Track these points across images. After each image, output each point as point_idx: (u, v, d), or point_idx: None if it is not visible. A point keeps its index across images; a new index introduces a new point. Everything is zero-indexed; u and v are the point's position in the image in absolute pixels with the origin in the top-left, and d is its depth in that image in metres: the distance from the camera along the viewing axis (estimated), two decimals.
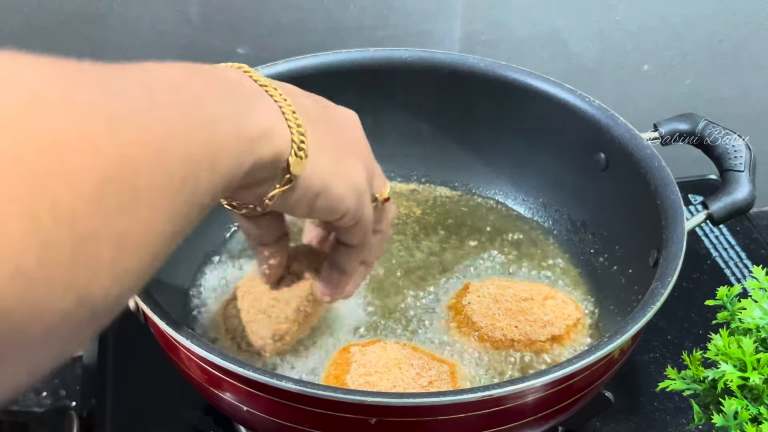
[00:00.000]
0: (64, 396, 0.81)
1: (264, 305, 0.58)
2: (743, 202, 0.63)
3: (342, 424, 0.50)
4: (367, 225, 0.52)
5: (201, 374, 0.54)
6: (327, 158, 0.47)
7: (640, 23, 0.93)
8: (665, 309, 0.55)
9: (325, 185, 0.47)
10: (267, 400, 0.51)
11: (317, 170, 0.46)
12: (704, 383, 0.57)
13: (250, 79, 0.44)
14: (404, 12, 0.87)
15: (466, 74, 0.75)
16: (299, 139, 0.44)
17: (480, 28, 0.90)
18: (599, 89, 0.95)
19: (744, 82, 1.00)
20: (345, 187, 0.48)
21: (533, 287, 0.67)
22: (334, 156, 0.48)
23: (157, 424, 0.70)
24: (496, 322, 0.63)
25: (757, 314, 0.56)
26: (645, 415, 0.71)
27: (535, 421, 0.54)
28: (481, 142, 0.79)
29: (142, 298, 0.53)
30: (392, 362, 0.59)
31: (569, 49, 0.93)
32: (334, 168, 0.47)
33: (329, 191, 0.47)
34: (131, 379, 0.72)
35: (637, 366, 0.74)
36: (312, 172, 0.46)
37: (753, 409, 0.53)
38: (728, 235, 0.89)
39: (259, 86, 0.44)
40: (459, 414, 0.50)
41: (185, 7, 0.79)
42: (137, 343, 0.67)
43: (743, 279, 0.83)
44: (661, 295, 0.54)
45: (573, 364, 0.50)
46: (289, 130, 0.44)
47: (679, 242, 0.58)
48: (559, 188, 0.77)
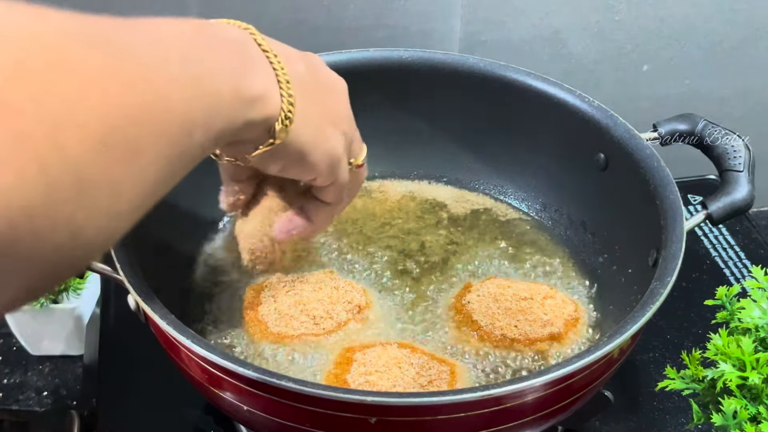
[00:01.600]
0: (65, 395, 0.81)
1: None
2: (742, 202, 0.63)
3: (342, 423, 0.50)
4: (341, 187, 0.56)
5: (201, 374, 0.54)
6: (310, 127, 0.50)
7: (640, 23, 0.93)
8: (665, 309, 0.55)
9: (303, 152, 0.50)
10: (267, 399, 0.51)
11: (299, 138, 0.49)
12: (703, 383, 0.57)
13: (254, 42, 0.46)
14: (404, 12, 0.87)
15: (466, 74, 0.75)
16: (288, 108, 0.47)
17: (480, 28, 0.90)
18: (599, 89, 0.96)
19: (744, 82, 1.00)
20: (321, 155, 0.52)
21: (533, 287, 0.67)
22: (316, 124, 0.51)
23: (157, 423, 0.70)
24: (496, 321, 0.64)
25: (756, 314, 0.57)
26: (644, 414, 0.71)
27: (535, 420, 0.54)
28: (480, 142, 0.79)
29: (142, 298, 0.54)
30: (392, 362, 0.59)
31: (569, 49, 0.93)
32: (315, 136, 0.51)
33: (306, 157, 0.51)
34: (131, 379, 0.72)
35: (636, 365, 0.74)
36: (294, 139, 0.49)
37: (752, 408, 0.53)
38: (727, 235, 0.89)
39: (261, 50, 0.46)
40: (459, 413, 0.50)
41: (185, 7, 0.79)
42: (137, 343, 0.68)
43: (742, 279, 0.83)
44: (660, 294, 0.54)
45: (572, 364, 0.50)
46: (281, 98, 0.47)
47: (678, 242, 0.58)
48: (559, 188, 0.77)
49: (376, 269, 0.71)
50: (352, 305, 0.64)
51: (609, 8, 0.91)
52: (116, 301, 0.78)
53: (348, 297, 0.64)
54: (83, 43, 0.30)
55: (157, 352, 0.60)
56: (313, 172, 0.53)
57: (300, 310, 0.63)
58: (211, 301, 0.68)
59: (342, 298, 0.64)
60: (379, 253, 0.73)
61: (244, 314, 0.65)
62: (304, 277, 0.66)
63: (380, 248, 0.73)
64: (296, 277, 0.66)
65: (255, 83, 0.44)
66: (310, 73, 0.51)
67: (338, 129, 0.53)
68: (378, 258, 0.72)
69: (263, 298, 0.64)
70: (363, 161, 0.58)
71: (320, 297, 0.64)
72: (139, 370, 0.73)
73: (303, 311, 0.63)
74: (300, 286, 0.65)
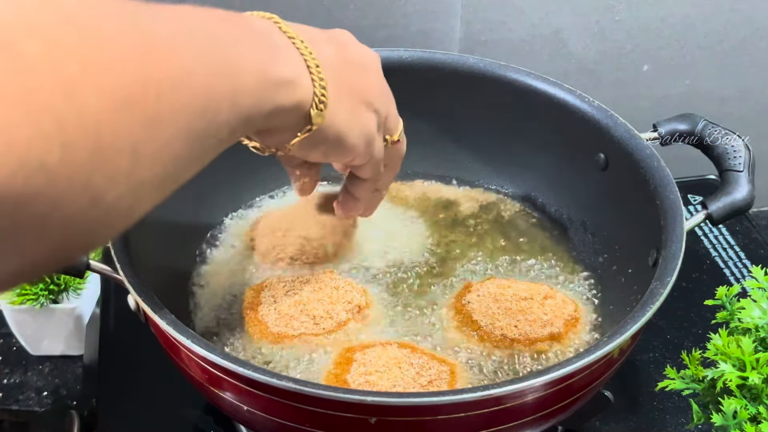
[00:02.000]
0: (65, 395, 0.81)
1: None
2: (742, 202, 0.63)
3: (342, 423, 0.50)
4: (377, 163, 0.57)
5: (201, 374, 0.54)
6: (344, 109, 0.50)
7: (640, 23, 0.93)
8: (665, 309, 0.55)
9: (340, 134, 0.51)
10: (267, 399, 0.51)
11: (335, 121, 0.49)
12: (703, 383, 0.57)
13: (279, 30, 0.46)
14: (404, 12, 0.87)
15: (466, 74, 0.75)
16: (320, 93, 0.47)
17: (480, 28, 0.90)
18: (599, 89, 0.96)
19: (744, 82, 1.00)
20: (357, 136, 0.52)
21: (533, 287, 0.67)
22: (350, 106, 0.51)
23: (157, 423, 0.70)
24: (496, 321, 0.64)
25: (756, 314, 0.57)
26: (644, 414, 0.71)
27: (535, 420, 0.54)
28: (480, 142, 0.79)
29: (142, 298, 0.54)
30: (392, 362, 0.59)
31: (569, 49, 0.93)
32: (349, 118, 0.51)
33: (343, 140, 0.51)
34: (131, 379, 0.72)
35: (636, 366, 0.74)
36: (330, 123, 0.49)
37: (752, 408, 0.53)
38: (727, 235, 0.89)
39: (287, 38, 0.46)
40: (459, 413, 0.50)
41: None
42: (137, 343, 0.68)
43: (742, 279, 0.83)
44: (660, 294, 0.54)
45: (572, 364, 0.50)
46: (312, 83, 0.47)
47: (678, 242, 0.58)
48: (559, 188, 0.77)
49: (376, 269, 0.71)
50: (352, 305, 0.64)
51: (609, 8, 0.91)
52: (116, 301, 0.78)
53: (348, 297, 0.64)
54: (104, 10, 0.31)
55: (157, 352, 0.60)
56: (351, 153, 0.53)
57: (300, 310, 0.63)
58: (211, 301, 0.68)
59: (342, 298, 0.64)
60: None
61: (244, 314, 0.65)
62: (304, 277, 0.66)
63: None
64: (296, 277, 0.66)
65: (282, 68, 0.44)
66: (338, 53, 0.51)
67: (371, 107, 0.53)
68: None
69: (263, 298, 0.64)
70: (399, 137, 0.58)
71: (320, 297, 0.64)
72: (139, 370, 0.73)
73: (303, 311, 0.63)
74: (300, 286, 0.65)
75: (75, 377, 0.82)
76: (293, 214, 0.70)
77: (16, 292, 0.77)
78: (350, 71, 0.51)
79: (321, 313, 0.63)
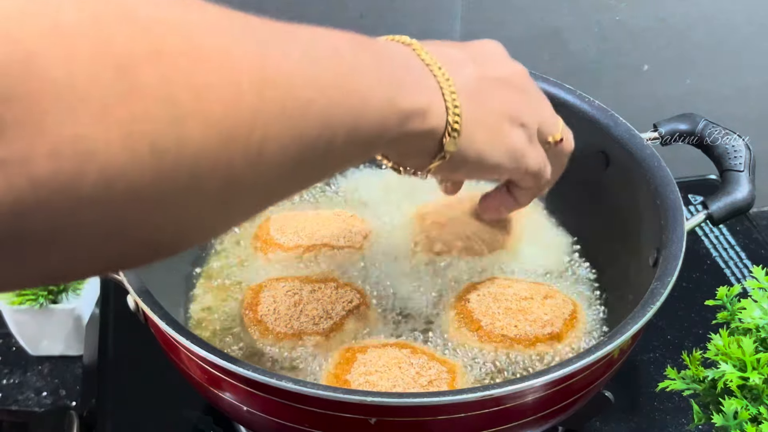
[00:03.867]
0: (65, 396, 0.81)
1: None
2: (743, 202, 0.63)
3: (342, 424, 0.50)
4: (537, 173, 0.55)
5: (201, 374, 0.54)
6: (483, 131, 0.49)
7: (640, 23, 0.93)
8: (665, 309, 0.55)
9: (480, 156, 0.49)
10: (267, 400, 0.51)
11: (472, 145, 0.48)
12: (704, 383, 0.57)
13: (416, 56, 0.45)
14: (404, 12, 0.87)
15: None
16: (454, 120, 0.46)
17: (480, 28, 0.90)
18: (599, 89, 0.95)
19: (744, 82, 1.00)
20: (500, 155, 0.51)
21: (533, 286, 0.67)
22: (490, 124, 0.49)
23: (157, 424, 0.70)
24: (496, 321, 0.63)
25: (756, 314, 0.56)
26: (645, 415, 0.71)
27: (535, 421, 0.54)
28: None
29: (142, 298, 0.53)
30: (392, 362, 0.59)
31: (569, 49, 0.93)
32: (490, 139, 0.50)
33: (485, 161, 0.50)
34: (131, 379, 0.72)
35: (637, 366, 0.74)
36: (467, 147, 0.48)
37: (753, 408, 0.53)
38: (728, 235, 0.89)
39: (424, 65, 0.45)
40: (459, 414, 0.50)
41: None
42: (137, 343, 0.68)
43: (743, 279, 0.83)
44: (660, 295, 0.54)
45: (572, 364, 0.50)
46: (446, 111, 0.45)
47: (678, 242, 0.58)
48: (559, 188, 0.77)
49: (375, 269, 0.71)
50: (352, 305, 0.64)
51: (609, 8, 0.91)
52: (116, 301, 0.78)
53: (348, 297, 0.64)
54: (223, 35, 0.30)
55: (157, 352, 0.60)
56: (496, 172, 0.52)
57: (300, 310, 0.63)
58: (211, 301, 0.68)
59: (342, 298, 0.64)
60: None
61: (243, 314, 0.64)
62: (304, 277, 0.66)
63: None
64: (296, 277, 0.66)
65: (414, 96, 0.43)
66: (479, 74, 0.49)
67: (516, 123, 0.51)
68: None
69: (263, 298, 0.64)
70: (561, 136, 0.56)
71: (320, 297, 0.64)
72: (139, 370, 0.73)
73: (303, 311, 0.63)
74: (300, 286, 0.65)
75: (74, 377, 0.82)
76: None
77: (16, 292, 0.77)
78: (491, 90, 0.50)
79: (321, 313, 0.63)
